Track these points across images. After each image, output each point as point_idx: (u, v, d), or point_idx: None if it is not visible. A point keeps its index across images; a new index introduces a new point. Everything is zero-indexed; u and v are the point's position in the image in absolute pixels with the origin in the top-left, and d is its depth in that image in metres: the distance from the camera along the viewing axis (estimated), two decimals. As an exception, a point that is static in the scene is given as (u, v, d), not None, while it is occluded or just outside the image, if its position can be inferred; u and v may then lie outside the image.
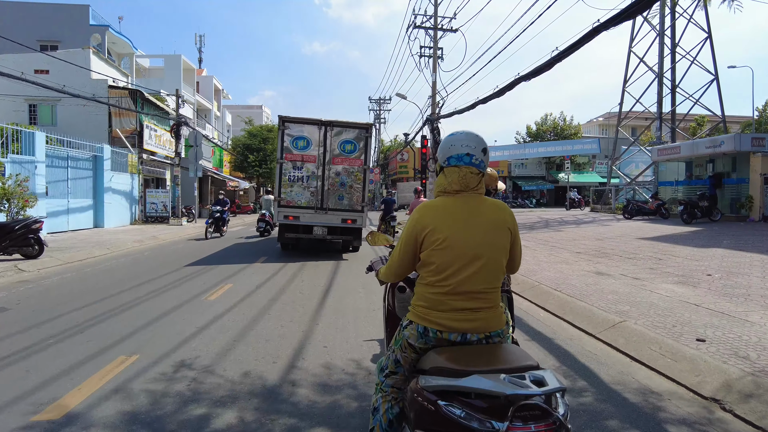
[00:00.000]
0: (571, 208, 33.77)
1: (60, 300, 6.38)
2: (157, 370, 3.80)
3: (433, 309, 1.97)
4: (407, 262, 2.11)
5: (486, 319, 1.97)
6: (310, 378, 3.72)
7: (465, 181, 2.03)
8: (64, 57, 19.24)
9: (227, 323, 5.24)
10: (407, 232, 2.06)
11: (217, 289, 7.16)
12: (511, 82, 11.81)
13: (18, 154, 13.73)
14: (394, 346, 2.12)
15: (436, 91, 23.21)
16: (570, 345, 4.73)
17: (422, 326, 1.98)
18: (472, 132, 2.13)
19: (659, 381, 3.80)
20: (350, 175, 11.27)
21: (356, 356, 4.23)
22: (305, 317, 5.59)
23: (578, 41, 8.83)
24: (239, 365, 3.96)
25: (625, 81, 25.87)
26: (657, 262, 8.84)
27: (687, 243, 11.54)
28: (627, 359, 4.32)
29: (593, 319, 5.41)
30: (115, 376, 3.67)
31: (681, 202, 17.80)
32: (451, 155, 2.06)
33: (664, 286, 6.71)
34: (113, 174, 18.99)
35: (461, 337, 1.95)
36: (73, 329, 4.94)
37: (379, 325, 5.24)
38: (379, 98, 51.65)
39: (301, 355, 4.23)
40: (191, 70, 39.60)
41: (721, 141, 17.89)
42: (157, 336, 4.72)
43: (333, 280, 8.12)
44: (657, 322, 4.98)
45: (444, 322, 1.94)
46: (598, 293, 6.43)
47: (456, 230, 1.96)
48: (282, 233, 11.53)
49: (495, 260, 1.99)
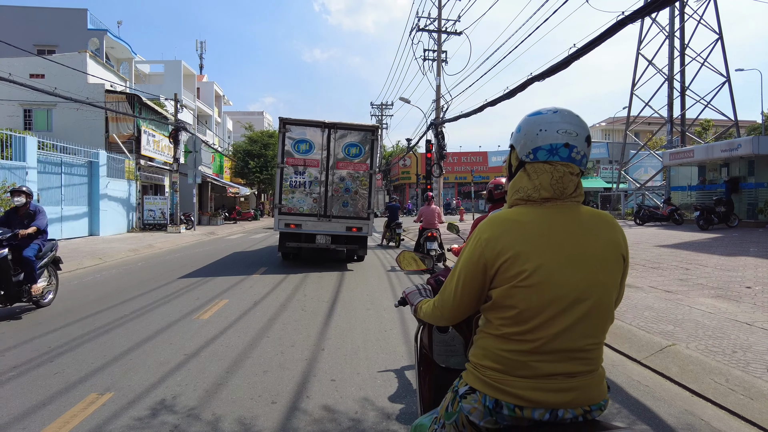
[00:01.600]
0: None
1: (34, 320, 5.75)
2: (133, 414, 3.16)
3: (510, 374, 1.33)
4: (469, 301, 1.44)
5: (586, 387, 1.33)
6: (315, 426, 3.07)
7: (561, 185, 1.38)
8: (60, 61, 18.72)
9: (219, 349, 4.60)
10: (470, 256, 1.40)
11: (210, 306, 6.52)
12: (523, 83, 11.20)
13: (9, 159, 13.17)
14: (445, 420, 1.46)
15: (440, 95, 22.66)
16: (614, 374, 4.09)
17: (492, 399, 1.34)
18: (567, 110, 1.43)
19: (735, 424, 3.15)
20: (355, 181, 10.65)
21: (370, 393, 3.58)
22: (309, 341, 4.95)
23: (599, 36, 8.23)
24: (232, 407, 3.31)
25: (633, 84, 25.30)
26: (685, 273, 8.21)
27: (711, 251, 10.90)
28: (687, 393, 3.68)
29: (635, 341, 4.77)
30: (81, 422, 3.03)
31: (697, 208, 17.13)
32: (540, 146, 1.40)
33: (703, 301, 6.08)
34: (109, 180, 18.41)
35: (550, 414, 1.31)
36: (42, 357, 4.31)
37: (393, 352, 4.60)
38: (381, 103, 51.09)
39: (304, 392, 3.58)
40: (192, 76, 39.20)
41: (739, 144, 17.25)
42: (138, 366, 4.09)
43: (338, 295, 7.48)
44: (711, 345, 4.34)
45: (526, 393, 1.31)
46: (633, 309, 5.79)
47: (551, 259, 1.32)
48: (283, 242, 10.87)
49: (604, 304, 1.36)
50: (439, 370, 2.08)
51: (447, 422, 1.45)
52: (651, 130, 32.06)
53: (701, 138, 30.62)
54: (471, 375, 1.42)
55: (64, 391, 3.53)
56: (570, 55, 9.28)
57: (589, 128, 1.44)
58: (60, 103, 18.86)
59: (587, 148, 1.42)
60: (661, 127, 25.28)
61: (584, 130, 1.41)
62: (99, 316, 5.89)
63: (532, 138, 1.41)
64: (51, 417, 3.11)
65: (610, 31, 7.97)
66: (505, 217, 1.40)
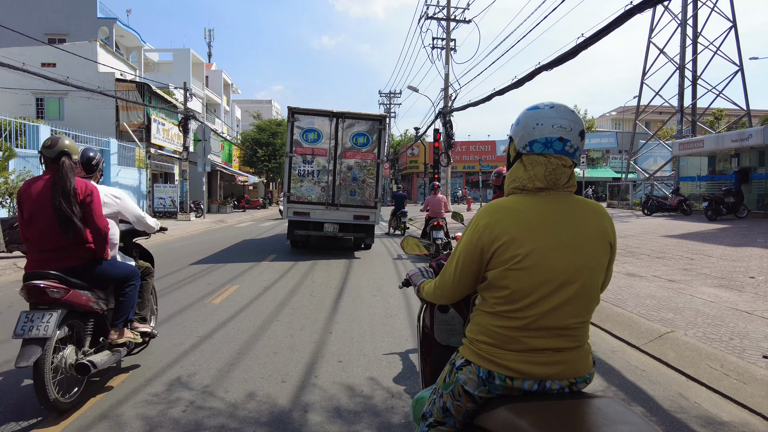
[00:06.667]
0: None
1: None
2: (150, 391, 3.34)
3: (502, 348, 1.46)
4: (466, 282, 1.58)
5: (572, 361, 1.46)
6: (324, 402, 3.23)
7: (554, 177, 1.49)
8: (71, 50, 18.91)
9: (231, 332, 4.78)
10: (469, 241, 1.52)
11: (222, 291, 6.71)
12: (531, 72, 11.20)
13: (23, 148, 13.42)
14: (443, 390, 1.59)
15: (448, 84, 22.61)
16: (613, 359, 4.21)
17: (486, 370, 1.47)
18: (563, 105, 1.54)
19: (727, 407, 3.27)
20: (363, 170, 10.76)
21: (375, 373, 3.74)
22: (317, 325, 5.12)
23: (608, 25, 8.23)
24: (244, 385, 3.48)
25: (644, 73, 25.03)
26: (690, 262, 8.26)
27: (717, 241, 10.91)
28: (682, 378, 3.79)
29: (635, 328, 4.88)
30: (102, 398, 3.21)
31: (705, 198, 17.04)
32: (536, 139, 1.50)
33: (705, 290, 6.16)
34: (120, 168, 18.68)
35: (538, 385, 1.44)
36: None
37: (398, 336, 4.76)
38: (389, 92, 50.96)
39: (313, 372, 3.75)
40: (200, 65, 39.28)
41: (750, 134, 17.09)
42: (153, 347, 4.27)
43: (345, 281, 7.64)
44: (709, 333, 4.44)
45: (517, 366, 1.43)
46: (634, 298, 5.89)
47: (542, 244, 1.43)
48: (291, 230, 11.07)
49: (590, 286, 1.47)
50: (440, 348, 2.22)
51: (444, 392, 1.59)
52: (661, 119, 31.74)
53: (713, 128, 30.31)
54: (467, 349, 1.56)
55: (86, 369, 3.72)
56: (578, 44, 9.27)
57: (583, 123, 1.55)
58: (71, 92, 19.10)
59: (581, 142, 1.52)
60: (672, 116, 25.05)
61: (578, 125, 1.51)
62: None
63: (529, 131, 1.52)
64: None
65: (619, 20, 7.96)
66: (502, 205, 1.51)
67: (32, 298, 2.92)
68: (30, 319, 2.82)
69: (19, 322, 2.82)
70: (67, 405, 2.97)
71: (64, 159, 3.11)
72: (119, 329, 3.39)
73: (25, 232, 3.13)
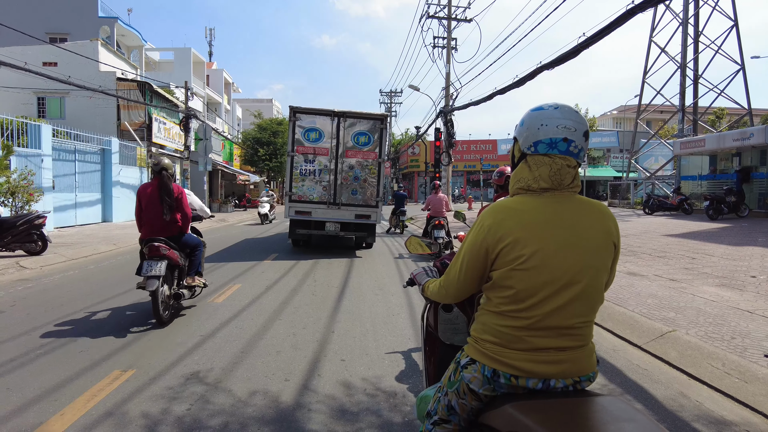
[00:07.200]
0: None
1: (58, 302, 5.98)
2: (154, 390, 3.36)
3: (507, 347, 1.47)
4: (471, 282, 1.59)
5: (576, 360, 1.47)
6: (327, 400, 3.25)
7: (558, 177, 1.50)
8: (72, 49, 18.92)
9: (234, 331, 4.80)
10: (474, 241, 1.53)
11: (224, 290, 6.73)
12: (532, 71, 11.19)
13: (24, 147, 13.43)
14: (448, 388, 1.61)
15: (449, 83, 22.59)
16: (615, 358, 4.23)
17: (491, 369, 1.49)
18: (567, 106, 1.55)
19: (729, 406, 3.28)
20: (364, 169, 10.78)
21: (378, 372, 3.75)
22: (319, 323, 5.13)
23: (609, 25, 8.22)
24: (247, 383, 3.50)
25: (645, 72, 25.01)
26: (691, 262, 8.27)
27: (718, 240, 10.92)
28: (684, 377, 3.81)
29: (637, 327, 4.89)
30: (107, 396, 3.23)
31: (706, 197, 17.05)
32: (541, 139, 1.51)
33: (707, 289, 6.17)
34: (122, 167, 18.68)
35: (542, 383, 1.45)
36: (67, 337, 4.53)
37: (400, 335, 4.77)
38: (390, 91, 50.93)
39: (316, 371, 3.77)
40: (201, 64, 39.26)
41: (751, 133, 17.07)
42: (157, 346, 4.29)
43: (347, 280, 7.65)
44: (711, 332, 4.45)
45: (522, 364, 1.45)
46: (636, 297, 5.90)
47: (547, 244, 1.44)
48: (293, 229, 11.09)
49: (595, 286, 1.48)
50: (444, 347, 2.23)
51: (449, 390, 1.60)
52: (663, 118, 31.70)
53: (714, 127, 30.26)
54: (472, 348, 1.57)
55: (90, 368, 3.74)
56: (579, 44, 9.26)
57: (587, 124, 1.56)
58: (73, 91, 19.12)
59: (585, 143, 1.53)
60: (673, 115, 25.02)
61: (582, 126, 1.52)
62: (116, 299, 6.12)
63: (533, 132, 1.53)
64: (79, 390, 3.31)
65: (620, 20, 7.96)
66: (506, 205, 1.52)
67: (151, 252, 4.81)
68: (150, 265, 4.72)
69: (144, 266, 4.72)
70: (167, 319, 4.90)
71: (164, 171, 5.06)
72: (192, 276, 5.40)
73: (142, 215, 5.07)
